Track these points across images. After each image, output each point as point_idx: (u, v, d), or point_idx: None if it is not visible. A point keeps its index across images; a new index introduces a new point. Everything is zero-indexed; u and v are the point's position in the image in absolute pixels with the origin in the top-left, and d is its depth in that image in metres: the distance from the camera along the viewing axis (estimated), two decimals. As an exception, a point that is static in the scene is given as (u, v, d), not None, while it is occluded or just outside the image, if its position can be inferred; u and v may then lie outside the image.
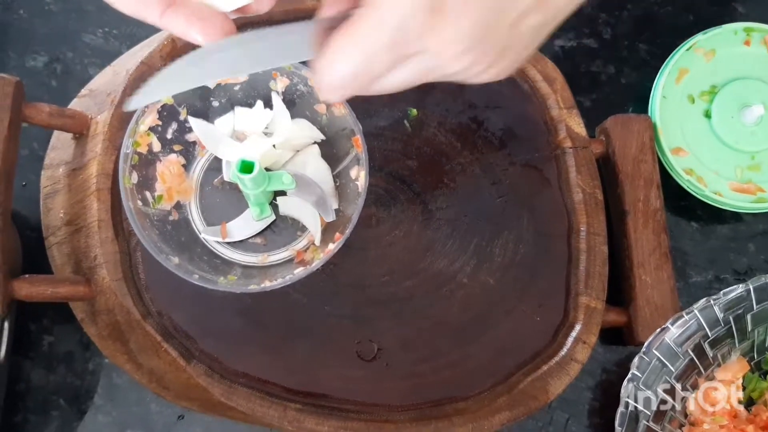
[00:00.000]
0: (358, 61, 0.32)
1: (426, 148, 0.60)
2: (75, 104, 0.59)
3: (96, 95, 0.59)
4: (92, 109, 0.58)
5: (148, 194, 0.53)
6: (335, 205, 0.56)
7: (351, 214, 0.52)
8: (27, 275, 0.54)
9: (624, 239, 0.62)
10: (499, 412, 0.56)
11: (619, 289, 0.62)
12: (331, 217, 0.55)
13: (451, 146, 0.61)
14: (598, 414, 0.63)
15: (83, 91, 0.60)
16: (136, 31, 0.66)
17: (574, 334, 0.58)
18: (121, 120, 0.55)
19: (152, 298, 0.54)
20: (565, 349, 0.58)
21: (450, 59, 0.33)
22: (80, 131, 0.57)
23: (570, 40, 0.71)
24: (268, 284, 0.51)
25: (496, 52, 0.34)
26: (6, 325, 0.56)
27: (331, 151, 0.57)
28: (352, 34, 0.31)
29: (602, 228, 0.61)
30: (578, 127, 0.62)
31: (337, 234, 0.53)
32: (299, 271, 0.52)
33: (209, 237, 0.56)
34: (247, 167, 0.51)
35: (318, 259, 0.52)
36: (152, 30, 0.62)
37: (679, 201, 0.67)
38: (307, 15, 0.60)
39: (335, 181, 0.57)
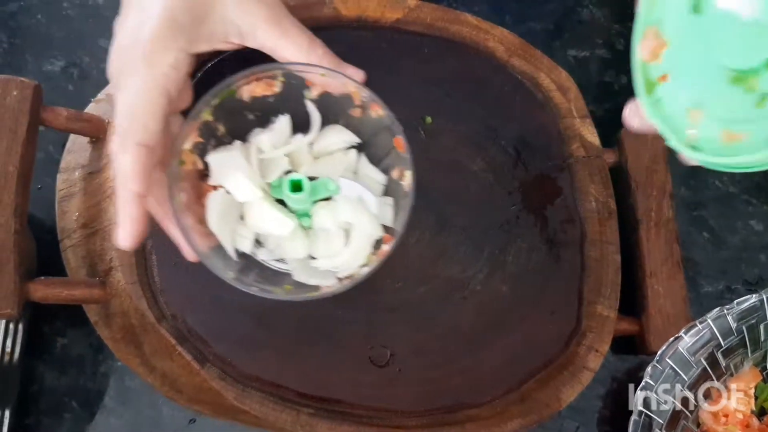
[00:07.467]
0: None
1: (440, 155, 0.61)
2: (92, 108, 0.60)
3: (112, 99, 0.59)
4: (109, 113, 0.58)
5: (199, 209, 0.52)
6: (390, 202, 0.55)
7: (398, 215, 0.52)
8: (42, 277, 0.54)
9: (636, 248, 0.62)
10: (511, 419, 0.56)
11: (632, 298, 0.62)
12: (388, 215, 0.54)
13: (465, 154, 0.61)
14: (608, 422, 0.63)
15: (100, 96, 0.60)
16: (153, 36, 0.66)
17: (586, 342, 0.58)
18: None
19: (167, 302, 0.54)
20: (577, 358, 0.58)
21: None
22: (97, 135, 0.58)
23: (583, 50, 0.72)
24: (326, 290, 0.51)
25: None
26: (20, 326, 0.56)
27: (368, 153, 0.56)
28: None
29: (615, 237, 0.61)
30: (591, 136, 0.63)
31: (386, 235, 0.53)
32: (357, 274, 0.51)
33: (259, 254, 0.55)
34: (296, 185, 0.51)
35: (372, 262, 0.52)
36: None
37: (691, 211, 0.67)
38: (323, 24, 0.61)
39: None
